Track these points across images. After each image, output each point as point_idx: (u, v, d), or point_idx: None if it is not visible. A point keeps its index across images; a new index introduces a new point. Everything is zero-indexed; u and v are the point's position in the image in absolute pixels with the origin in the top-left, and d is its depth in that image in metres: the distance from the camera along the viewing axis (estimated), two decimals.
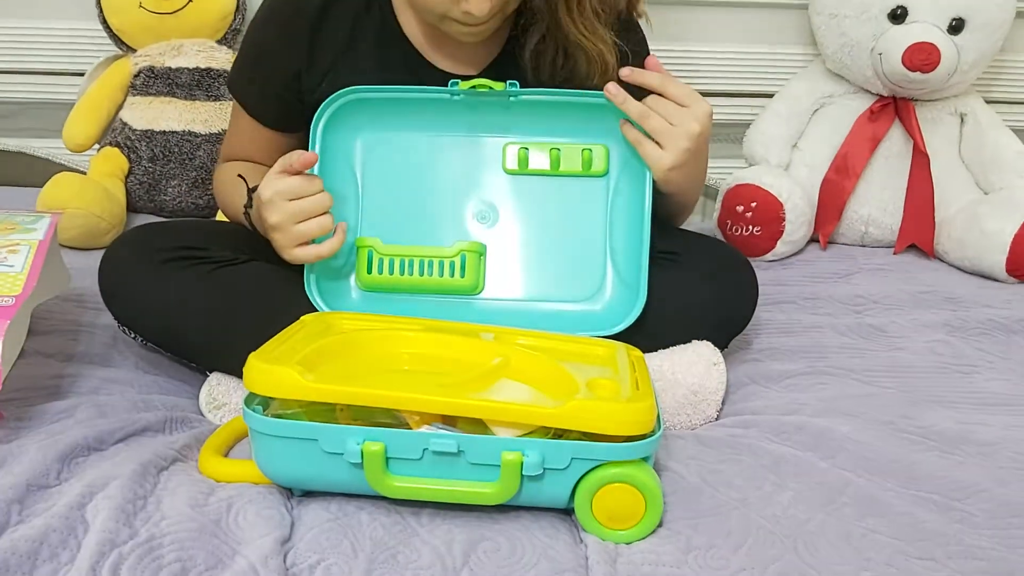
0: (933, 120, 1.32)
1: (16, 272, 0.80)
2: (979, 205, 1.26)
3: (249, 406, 0.72)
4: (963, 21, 1.25)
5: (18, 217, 0.91)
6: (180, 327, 0.87)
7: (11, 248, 0.83)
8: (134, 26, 1.36)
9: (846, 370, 0.97)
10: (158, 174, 1.33)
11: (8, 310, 0.75)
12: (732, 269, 0.95)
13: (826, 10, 1.29)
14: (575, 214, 0.93)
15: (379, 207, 0.94)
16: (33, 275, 0.80)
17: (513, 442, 0.68)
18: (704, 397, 0.88)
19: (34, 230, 0.87)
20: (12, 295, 0.77)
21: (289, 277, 0.90)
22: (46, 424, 0.78)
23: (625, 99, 0.85)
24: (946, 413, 0.88)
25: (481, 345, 0.82)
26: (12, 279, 0.79)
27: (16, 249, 0.83)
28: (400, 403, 0.69)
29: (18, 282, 0.79)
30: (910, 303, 1.16)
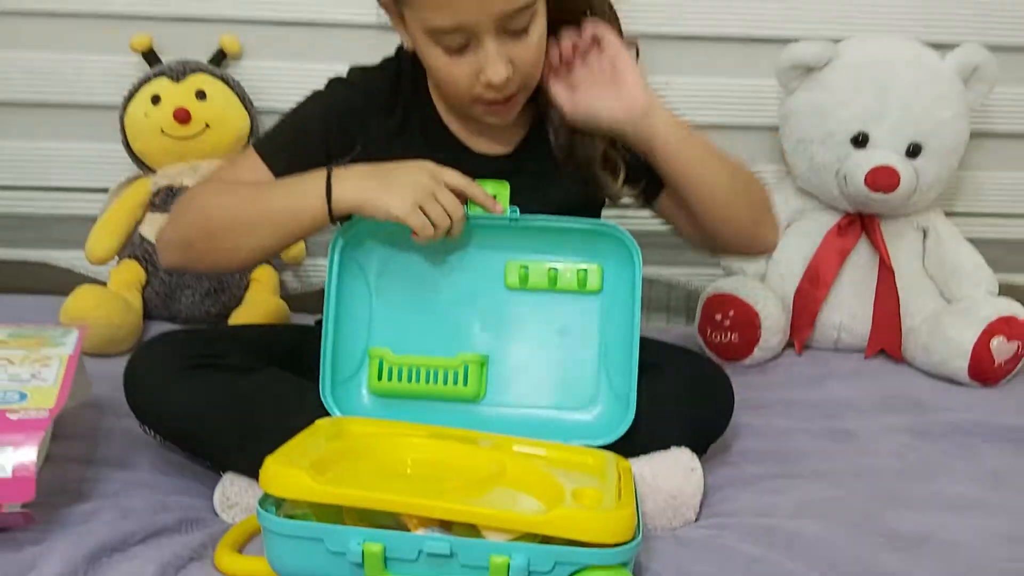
0: (898, 235, 1.39)
1: (48, 386, 0.87)
2: (942, 314, 1.32)
3: (263, 506, 0.77)
4: (920, 146, 1.33)
5: (48, 331, 0.98)
6: (200, 429, 0.93)
7: (43, 363, 0.90)
8: (155, 149, 1.44)
9: (817, 473, 1.02)
10: (173, 284, 1.40)
11: (42, 422, 0.81)
12: (709, 383, 1.01)
13: (794, 136, 1.38)
14: (571, 329, 0.99)
15: (390, 319, 1.00)
16: (64, 388, 0.87)
17: (501, 546, 0.73)
18: (683, 501, 0.92)
19: (63, 344, 0.94)
20: (46, 408, 0.83)
21: (304, 384, 0.96)
22: (73, 526, 0.83)
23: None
24: (909, 515, 0.93)
25: (479, 452, 0.88)
26: (45, 392, 0.85)
27: (48, 363, 0.90)
28: (400, 507, 0.75)
29: (51, 395, 0.85)
30: (879, 407, 1.21)
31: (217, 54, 1.48)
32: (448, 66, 0.92)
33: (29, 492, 0.77)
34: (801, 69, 1.35)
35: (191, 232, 0.97)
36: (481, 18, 0.89)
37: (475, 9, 0.88)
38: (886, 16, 1.48)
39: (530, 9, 0.91)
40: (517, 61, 0.92)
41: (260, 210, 0.94)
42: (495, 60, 0.91)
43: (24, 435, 0.79)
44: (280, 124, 1.06)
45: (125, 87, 1.45)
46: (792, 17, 1.48)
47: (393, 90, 1.03)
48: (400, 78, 1.03)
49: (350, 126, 1.01)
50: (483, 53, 0.91)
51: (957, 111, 1.33)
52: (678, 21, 1.48)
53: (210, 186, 1.00)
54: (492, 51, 0.90)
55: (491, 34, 0.90)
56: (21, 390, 0.84)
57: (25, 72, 1.49)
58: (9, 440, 0.78)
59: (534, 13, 0.92)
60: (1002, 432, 1.14)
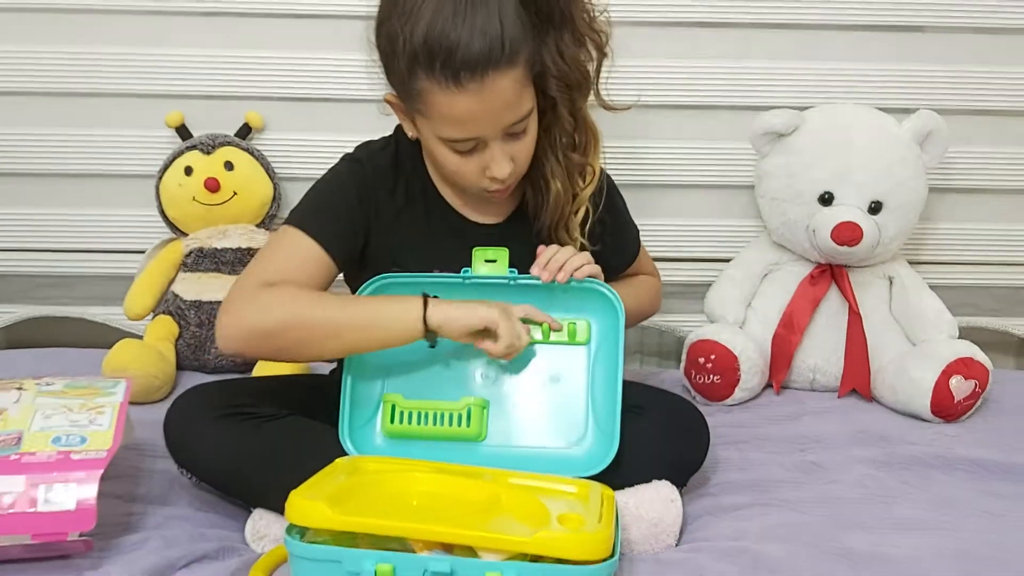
0: (865, 283, 1.46)
1: (105, 430, 0.96)
2: (906, 356, 1.39)
3: (289, 534, 0.87)
4: (881, 203, 1.39)
5: (99, 383, 1.07)
6: (232, 470, 1.02)
7: (98, 410, 0.99)
8: (187, 215, 1.52)
9: (786, 501, 1.11)
10: (203, 337, 1.49)
11: (100, 462, 0.92)
12: (687, 422, 1.11)
13: (768, 195, 1.47)
14: (562, 375, 1.09)
15: (402, 369, 1.09)
16: (118, 432, 0.96)
17: (495, 565, 0.83)
18: (663, 529, 1.01)
19: (114, 393, 1.03)
20: (105, 449, 0.93)
21: (323, 428, 1.06)
22: (124, 553, 0.93)
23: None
24: (864, 536, 1.02)
25: (478, 484, 0.97)
26: (103, 436, 0.95)
27: (102, 411, 0.99)
28: (407, 532, 0.85)
29: (107, 438, 0.95)
30: (847, 441, 1.29)
31: (243, 128, 1.56)
32: (457, 164, 1.04)
33: (90, 521, 0.88)
34: (772, 135, 1.44)
35: (273, 330, 1.01)
36: (492, 131, 1.01)
37: (489, 127, 1.00)
38: (848, 85, 1.56)
39: (530, 115, 1.03)
40: (516, 157, 1.05)
41: (354, 324, 1.02)
42: (500, 160, 1.03)
43: (85, 473, 0.90)
44: (314, 200, 1.12)
45: (160, 159, 1.54)
46: (765, 87, 1.56)
47: (394, 167, 1.14)
48: (399, 156, 1.14)
49: (369, 199, 1.12)
50: (489, 154, 1.03)
51: (914, 171, 1.41)
52: (660, 89, 1.56)
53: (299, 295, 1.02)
54: (498, 153, 1.03)
55: (497, 140, 1.02)
56: (81, 434, 0.94)
57: (71, 146, 1.58)
58: (73, 478, 0.89)
59: (530, 117, 1.04)
60: (957, 463, 1.22)
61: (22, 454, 0.91)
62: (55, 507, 0.88)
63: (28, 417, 0.96)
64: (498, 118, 1.00)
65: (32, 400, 0.99)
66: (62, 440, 0.93)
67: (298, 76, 1.57)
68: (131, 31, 1.55)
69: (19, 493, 0.88)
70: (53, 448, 0.92)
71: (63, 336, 1.67)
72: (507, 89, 0.98)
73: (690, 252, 1.65)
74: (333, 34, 1.55)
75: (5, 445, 0.92)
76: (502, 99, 0.99)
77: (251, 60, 1.57)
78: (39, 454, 0.91)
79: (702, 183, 1.62)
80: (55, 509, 0.88)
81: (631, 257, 1.28)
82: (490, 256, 1.09)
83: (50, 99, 1.58)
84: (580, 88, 1.08)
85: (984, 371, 1.37)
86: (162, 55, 1.56)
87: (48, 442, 0.93)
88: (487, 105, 0.98)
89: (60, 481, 0.89)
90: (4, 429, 0.94)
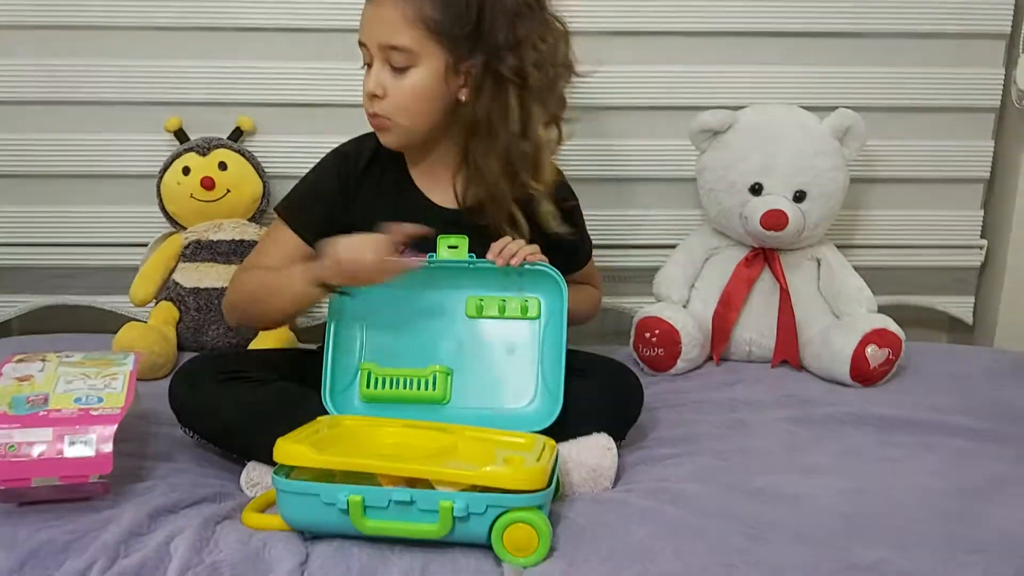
0: (795, 265, 1.58)
1: (118, 392, 1.09)
2: (830, 328, 1.51)
3: (276, 474, 1.00)
4: (804, 192, 1.51)
5: (112, 356, 1.20)
6: (229, 427, 1.15)
7: (112, 376, 1.12)
8: (186, 211, 1.62)
9: (710, 451, 1.24)
10: (202, 321, 1.60)
11: (116, 416, 1.05)
12: (623, 382, 1.24)
13: (706, 186, 1.58)
14: (516, 346, 1.22)
15: (377, 342, 1.22)
16: (130, 393, 1.09)
17: (447, 494, 0.96)
18: (601, 473, 1.14)
19: (125, 363, 1.15)
20: (118, 407, 1.06)
21: (308, 391, 1.19)
22: (135, 497, 1.06)
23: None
24: (773, 478, 1.15)
25: (440, 436, 1.11)
26: (117, 396, 1.08)
27: (116, 376, 1.12)
28: (374, 468, 0.99)
29: (120, 398, 1.08)
30: (773, 404, 1.41)
31: (235, 131, 1.65)
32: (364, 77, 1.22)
33: (108, 465, 1.02)
34: (709, 133, 1.56)
35: (236, 301, 1.27)
36: (369, 40, 1.19)
37: (367, 33, 1.20)
38: (777, 87, 1.68)
39: (406, 55, 1.18)
40: (388, 91, 1.20)
41: (272, 290, 1.21)
42: (371, 76, 1.20)
43: (103, 425, 1.04)
44: (297, 191, 1.30)
45: (160, 161, 1.64)
46: (703, 90, 1.68)
47: (374, 155, 1.29)
48: (379, 146, 1.28)
49: (347, 185, 1.27)
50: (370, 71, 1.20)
51: (834, 163, 1.53)
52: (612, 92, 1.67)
53: (246, 269, 1.28)
54: (373, 70, 1.20)
55: (379, 60, 1.19)
56: (98, 395, 1.07)
57: (79, 150, 1.68)
58: (92, 429, 1.03)
59: (414, 63, 1.18)
60: (868, 420, 1.35)
61: (49, 411, 1.05)
62: (78, 453, 1.02)
63: (52, 382, 1.10)
64: (374, 30, 1.18)
65: (55, 369, 1.13)
66: (82, 400, 1.07)
67: (285, 84, 1.67)
68: (132, 45, 1.65)
69: (48, 442, 1.02)
70: (75, 406, 1.06)
71: (74, 323, 1.78)
72: (390, 10, 1.16)
73: (640, 239, 1.77)
74: (317, 46, 1.65)
75: (34, 404, 1.06)
76: (385, 15, 1.17)
77: (242, 70, 1.67)
78: (64, 411, 1.05)
79: (650, 177, 1.74)
80: (78, 455, 1.02)
81: (578, 266, 1.39)
82: (452, 243, 1.21)
83: (60, 108, 1.68)
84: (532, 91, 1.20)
85: (897, 340, 1.50)
86: (161, 66, 1.65)
87: (71, 401, 1.07)
88: (372, 13, 1.19)
89: (81, 432, 1.03)
90: (32, 391, 1.08)
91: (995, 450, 1.27)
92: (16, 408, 1.05)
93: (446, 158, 1.28)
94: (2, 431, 1.02)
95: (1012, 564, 0.98)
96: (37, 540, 0.97)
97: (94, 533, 0.99)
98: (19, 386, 1.08)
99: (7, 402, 1.06)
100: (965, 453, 1.26)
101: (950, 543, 1.01)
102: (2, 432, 1.01)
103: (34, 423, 1.03)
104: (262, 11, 1.66)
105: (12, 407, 1.05)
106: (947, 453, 1.25)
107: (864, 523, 1.05)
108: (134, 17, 1.65)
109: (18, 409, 1.05)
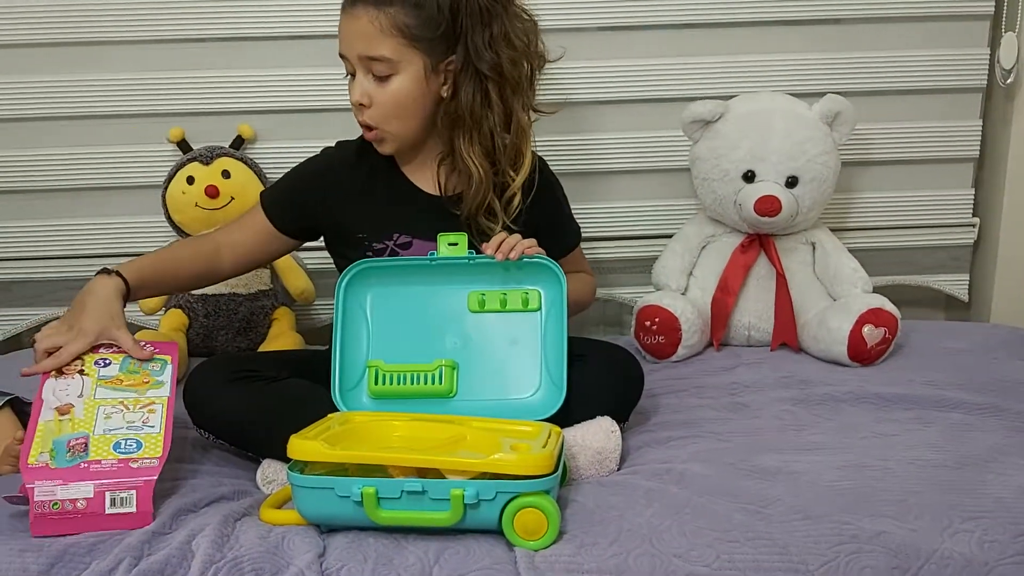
0: (790, 249, 1.61)
1: (156, 433, 1.07)
2: (826, 310, 1.53)
3: (291, 470, 1.03)
4: (796, 178, 1.54)
5: (149, 366, 1.16)
6: (243, 425, 1.17)
7: (150, 408, 1.10)
8: (191, 220, 1.64)
9: (712, 433, 1.27)
10: (211, 327, 1.63)
11: (154, 470, 1.04)
12: (624, 366, 1.27)
13: (701, 175, 1.61)
14: (518, 338, 1.24)
15: (383, 338, 1.24)
16: (167, 435, 1.08)
17: (458, 483, 0.99)
18: (606, 456, 1.17)
19: (163, 384, 1.13)
20: (156, 457, 1.05)
21: (319, 388, 1.22)
22: (157, 498, 1.06)
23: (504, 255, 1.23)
24: (774, 456, 1.17)
25: (448, 427, 1.14)
26: (154, 440, 1.06)
27: (154, 409, 1.10)
28: (386, 460, 1.02)
29: (159, 444, 1.06)
30: (773, 385, 1.44)
31: (236, 140, 1.69)
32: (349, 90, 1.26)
33: (148, 520, 1.03)
34: (700, 123, 1.59)
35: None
36: (348, 53, 1.23)
37: (345, 46, 1.23)
38: (765, 76, 1.71)
39: (387, 64, 1.22)
40: (374, 99, 1.24)
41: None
42: (355, 86, 1.24)
43: (144, 479, 1.04)
44: (280, 180, 1.38)
45: (164, 171, 1.67)
46: (694, 81, 1.71)
47: (361, 148, 1.34)
48: (366, 143, 1.32)
49: (328, 178, 1.33)
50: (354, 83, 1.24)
51: (824, 148, 1.55)
52: (605, 87, 1.72)
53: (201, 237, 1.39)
54: (356, 81, 1.24)
55: (361, 70, 1.23)
56: (137, 438, 1.07)
57: (86, 163, 1.72)
58: (133, 484, 1.04)
59: (395, 70, 1.23)
60: (866, 398, 1.38)
61: (90, 462, 1.05)
62: (120, 509, 1.03)
63: (92, 418, 1.09)
64: (352, 43, 1.22)
65: (92, 392, 1.11)
66: (121, 446, 1.07)
67: (283, 92, 1.71)
68: (132, 59, 1.69)
69: (90, 499, 1.02)
70: (115, 455, 1.06)
71: None
72: (365, 23, 1.20)
73: (638, 230, 1.80)
74: (313, 53, 1.69)
75: (75, 453, 1.05)
76: (360, 29, 1.21)
77: (240, 79, 1.70)
78: (104, 462, 1.05)
79: (645, 168, 1.77)
80: (120, 511, 1.03)
81: (567, 250, 1.42)
82: (452, 240, 1.24)
83: (64, 123, 1.71)
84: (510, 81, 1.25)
85: (893, 319, 1.53)
86: (161, 79, 1.69)
87: (110, 448, 1.06)
88: (347, 28, 1.22)
89: (123, 488, 1.03)
90: (72, 432, 1.07)
91: (991, 422, 1.30)
92: (58, 459, 1.05)
93: (434, 150, 1.32)
94: (46, 487, 1.02)
95: (1008, 531, 1.01)
96: (63, 543, 1.00)
97: (118, 535, 1.02)
98: (60, 424, 1.08)
99: (49, 449, 1.05)
100: (962, 426, 1.28)
101: (948, 512, 1.03)
102: (46, 488, 1.02)
103: (76, 477, 1.03)
104: (258, 20, 1.69)
105: (54, 458, 1.05)
106: (944, 427, 1.28)
107: (864, 497, 1.07)
108: (133, 32, 1.69)
109: (60, 461, 1.05)
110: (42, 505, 1.02)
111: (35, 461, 1.04)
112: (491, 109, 1.25)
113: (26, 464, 1.04)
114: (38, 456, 1.05)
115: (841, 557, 0.97)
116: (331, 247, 1.39)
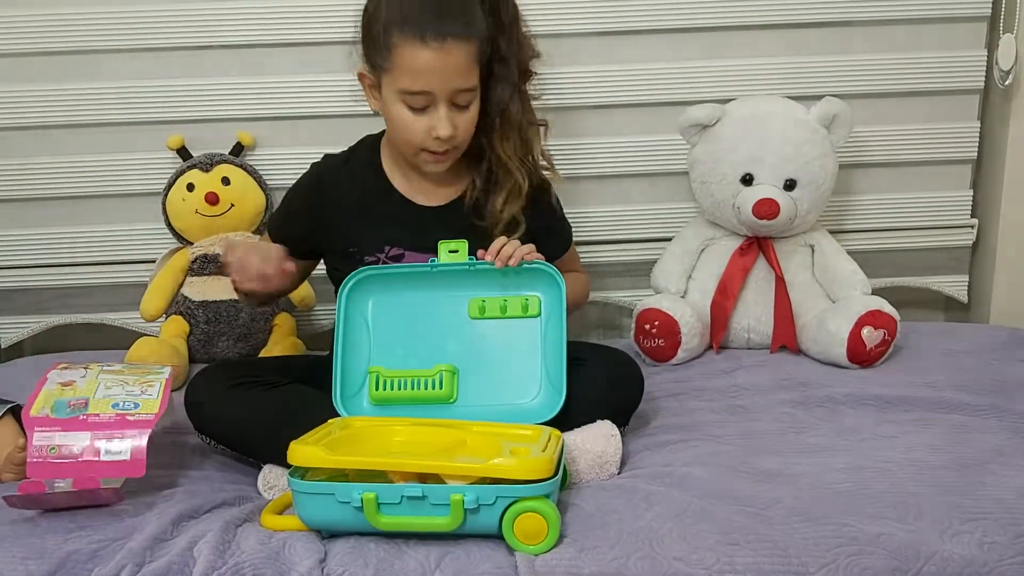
0: (789, 252, 1.61)
1: (154, 399, 1.14)
2: (825, 312, 1.53)
3: (292, 476, 1.03)
4: (794, 181, 1.55)
5: (149, 367, 1.24)
6: (244, 430, 1.18)
7: (149, 384, 1.17)
8: (191, 226, 1.65)
9: (712, 436, 1.27)
10: (211, 333, 1.64)
11: (150, 422, 1.10)
12: (623, 369, 1.28)
13: (699, 179, 1.61)
14: (518, 343, 1.24)
15: (384, 344, 1.25)
16: (164, 400, 1.14)
17: (458, 488, 0.99)
18: (607, 459, 1.18)
19: (162, 374, 1.20)
20: (153, 413, 1.11)
21: (320, 394, 1.22)
22: (159, 504, 1.10)
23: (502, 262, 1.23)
24: (774, 459, 1.18)
25: (448, 432, 1.14)
26: (152, 402, 1.13)
27: (152, 384, 1.17)
28: (386, 466, 1.02)
29: (156, 404, 1.13)
30: (772, 388, 1.44)
31: (236, 147, 1.69)
32: (409, 121, 1.24)
33: (141, 469, 1.06)
34: (698, 126, 1.60)
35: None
36: (441, 89, 1.21)
37: (439, 82, 1.21)
38: (763, 79, 1.71)
39: (474, 92, 1.23)
40: (458, 127, 1.24)
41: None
42: (445, 121, 1.23)
43: (138, 431, 1.08)
44: (276, 214, 1.42)
45: (164, 179, 1.67)
46: (691, 85, 1.71)
47: (348, 163, 1.35)
48: (356, 154, 1.34)
49: (317, 196, 1.34)
50: (436, 115, 1.23)
51: (822, 151, 1.56)
52: (603, 92, 1.71)
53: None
54: (444, 114, 1.23)
55: (445, 103, 1.22)
56: (135, 401, 1.12)
57: (86, 171, 1.72)
58: (129, 434, 1.08)
59: (475, 97, 1.24)
60: (866, 400, 1.38)
61: (88, 415, 1.10)
62: (114, 456, 1.07)
63: (92, 388, 1.14)
64: (448, 79, 1.20)
65: (96, 376, 1.17)
66: (119, 405, 1.12)
67: (282, 98, 1.71)
68: (131, 67, 1.69)
69: (86, 446, 1.07)
70: (112, 411, 1.11)
71: (86, 341, 1.81)
72: (461, 57, 1.19)
73: (636, 234, 1.80)
74: (312, 60, 1.69)
75: (75, 408, 1.11)
76: (455, 64, 1.19)
77: (239, 86, 1.71)
78: (102, 416, 1.10)
79: (643, 172, 1.77)
80: (114, 458, 1.07)
81: (559, 252, 1.42)
82: (453, 247, 1.25)
83: (64, 131, 1.72)
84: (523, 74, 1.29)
85: (892, 321, 1.53)
86: (161, 86, 1.69)
87: (109, 406, 1.11)
88: (442, 64, 1.19)
89: (118, 436, 1.08)
90: (74, 395, 1.12)
91: (991, 424, 1.30)
92: (58, 412, 1.10)
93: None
94: (45, 433, 1.07)
95: (1008, 532, 1.01)
96: (65, 550, 1.01)
97: (120, 541, 1.02)
98: (62, 390, 1.13)
99: (50, 405, 1.11)
100: (961, 427, 1.29)
101: (948, 514, 1.04)
102: (45, 434, 1.07)
103: (74, 427, 1.09)
104: (257, 28, 1.70)
105: (54, 410, 1.10)
106: (944, 428, 1.28)
107: (864, 498, 1.08)
108: (133, 40, 1.69)
109: (59, 412, 1.10)
110: (40, 450, 1.07)
111: (37, 412, 1.10)
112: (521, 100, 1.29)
113: (28, 415, 1.10)
114: (40, 409, 1.10)
115: (841, 559, 0.98)
116: (325, 260, 1.39)
